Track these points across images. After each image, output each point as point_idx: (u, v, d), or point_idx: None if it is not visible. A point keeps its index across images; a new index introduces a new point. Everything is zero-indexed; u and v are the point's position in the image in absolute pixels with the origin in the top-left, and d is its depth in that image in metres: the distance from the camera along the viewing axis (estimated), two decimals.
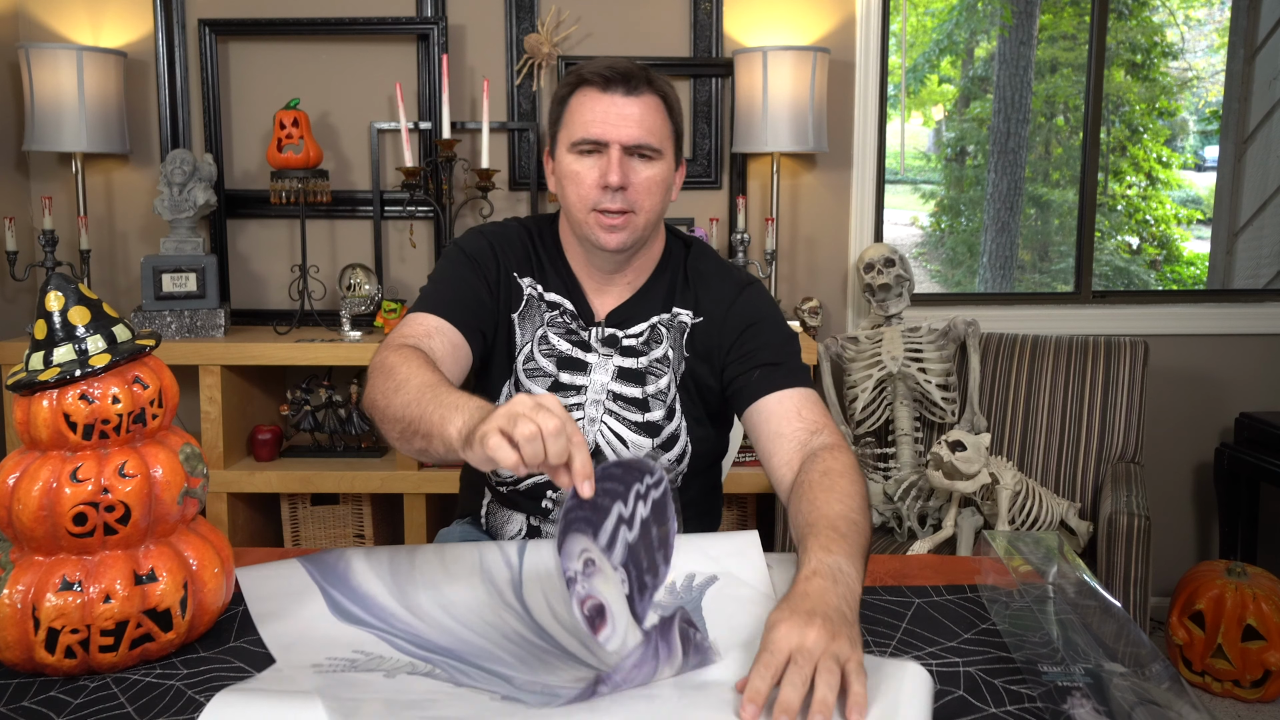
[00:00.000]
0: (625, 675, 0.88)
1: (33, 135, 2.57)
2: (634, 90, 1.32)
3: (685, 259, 1.47)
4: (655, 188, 1.35)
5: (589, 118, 1.32)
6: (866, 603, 1.13)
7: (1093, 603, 1.02)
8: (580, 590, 0.89)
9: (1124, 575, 2.06)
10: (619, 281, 1.43)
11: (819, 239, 2.91)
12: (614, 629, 0.91)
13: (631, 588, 0.92)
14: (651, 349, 1.41)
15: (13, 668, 0.97)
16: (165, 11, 2.75)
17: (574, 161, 1.34)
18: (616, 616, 0.91)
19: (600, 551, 0.90)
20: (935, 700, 0.91)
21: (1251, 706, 2.52)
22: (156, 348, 1.05)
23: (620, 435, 1.40)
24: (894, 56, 3.85)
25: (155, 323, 2.57)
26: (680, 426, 1.42)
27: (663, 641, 0.90)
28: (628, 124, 1.31)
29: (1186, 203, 5.88)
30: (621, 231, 1.34)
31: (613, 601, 0.91)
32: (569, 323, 1.42)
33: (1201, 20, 5.85)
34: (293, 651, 1.01)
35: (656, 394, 1.40)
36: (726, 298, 1.42)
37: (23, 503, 0.95)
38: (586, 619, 0.89)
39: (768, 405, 1.34)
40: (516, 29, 2.79)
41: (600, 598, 0.90)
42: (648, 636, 0.90)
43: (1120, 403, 2.49)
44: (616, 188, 1.31)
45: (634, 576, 0.92)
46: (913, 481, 2.43)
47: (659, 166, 1.35)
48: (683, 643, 0.92)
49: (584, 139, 1.32)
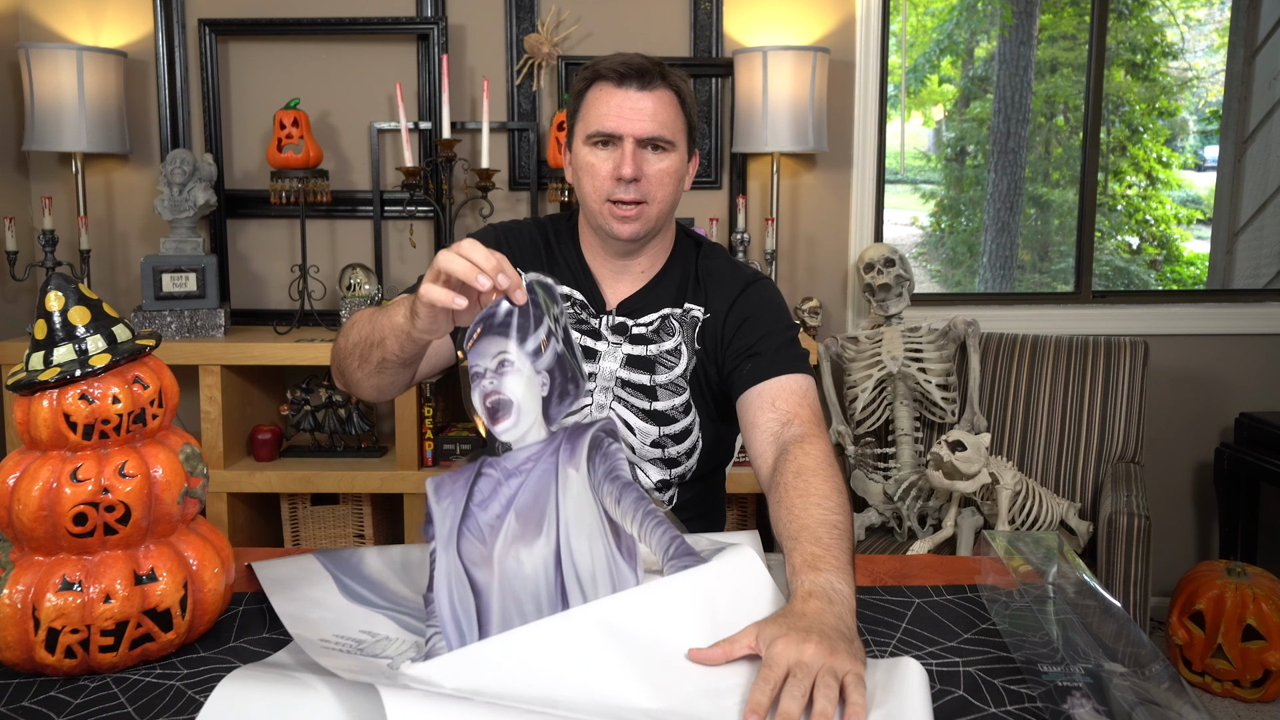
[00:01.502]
0: (518, 465, 0.98)
1: (33, 135, 2.57)
2: (648, 85, 1.36)
3: (697, 257, 1.50)
4: (668, 179, 1.39)
5: (604, 111, 1.36)
6: (866, 603, 1.13)
7: (1093, 603, 1.02)
8: (486, 385, 0.98)
9: (1124, 575, 2.06)
10: (633, 269, 1.47)
11: (819, 239, 2.91)
12: (515, 421, 0.99)
13: (552, 392, 1.01)
14: (662, 340, 1.44)
15: (13, 668, 0.97)
16: (165, 11, 2.75)
17: (589, 154, 1.38)
18: (522, 411, 0.99)
19: (526, 353, 1.00)
20: (935, 700, 0.91)
21: (1251, 706, 2.52)
22: (156, 348, 1.05)
23: (628, 422, 1.42)
24: (894, 56, 3.85)
25: (155, 323, 2.57)
26: (694, 422, 1.44)
27: (568, 443, 0.99)
28: (641, 117, 1.35)
29: (1186, 203, 5.88)
30: (635, 222, 1.38)
31: (522, 398, 0.99)
32: (579, 313, 1.46)
33: (1201, 20, 5.86)
34: (302, 624, 1.01)
35: (667, 384, 1.42)
36: (731, 294, 1.45)
37: (23, 503, 0.95)
38: (488, 410, 0.98)
39: (748, 397, 1.36)
40: (516, 29, 2.79)
41: (507, 393, 0.99)
42: (553, 435, 0.99)
43: (1120, 403, 2.49)
44: (630, 179, 1.35)
45: (557, 382, 1.01)
46: (913, 481, 2.43)
47: (672, 158, 1.39)
48: (591, 449, 0.99)
49: (599, 131, 1.36)
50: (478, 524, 0.97)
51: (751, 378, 1.36)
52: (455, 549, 0.95)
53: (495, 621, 0.94)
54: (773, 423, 1.31)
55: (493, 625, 0.94)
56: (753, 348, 1.39)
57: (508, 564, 0.96)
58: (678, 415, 1.42)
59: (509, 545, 0.96)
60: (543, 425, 1.01)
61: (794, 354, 1.39)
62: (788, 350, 1.39)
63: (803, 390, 1.35)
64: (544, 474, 0.99)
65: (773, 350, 1.38)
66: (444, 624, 0.93)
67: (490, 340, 0.99)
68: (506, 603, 0.95)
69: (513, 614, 0.95)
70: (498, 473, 0.98)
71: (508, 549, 0.96)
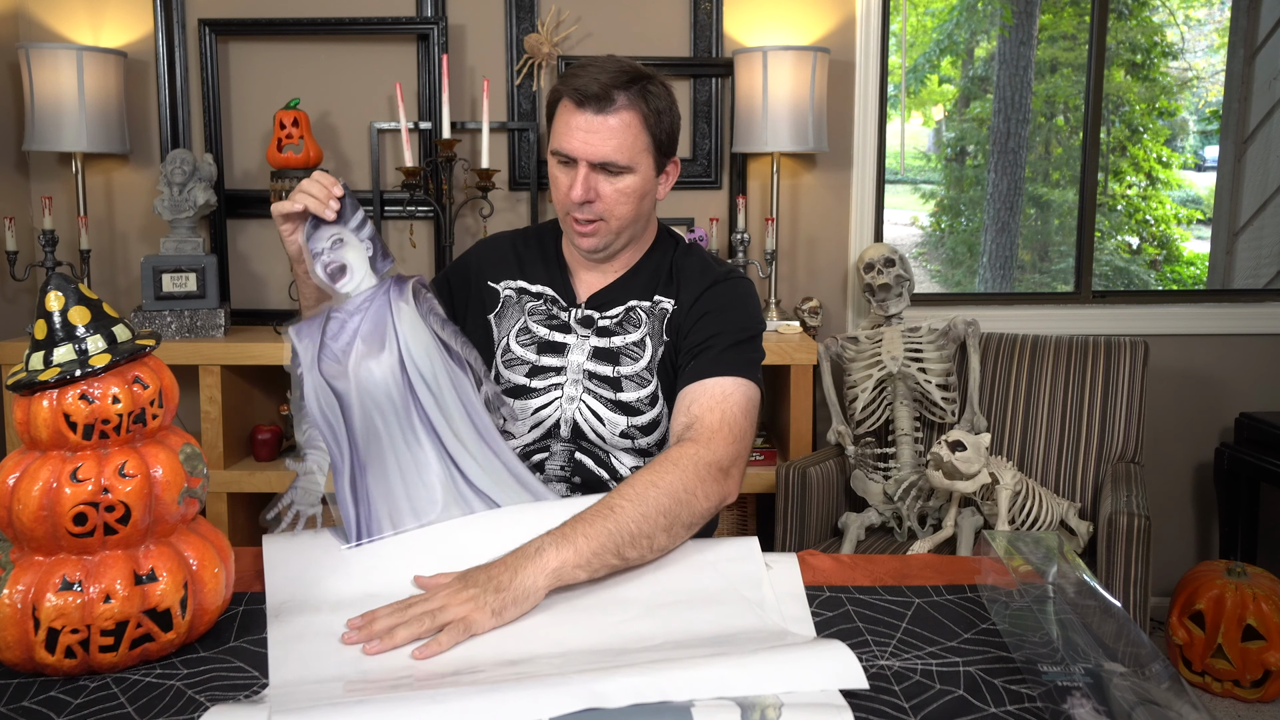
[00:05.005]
0: (358, 305, 1.25)
1: (33, 135, 2.57)
2: (605, 108, 1.38)
3: (674, 253, 1.54)
4: (625, 198, 1.42)
5: (562, 131, 1.41)
6: (866, 603, 1.13)
7: (1093, 603, 1.02)
8: (325, 258, 1.25)
9: (1124, 575, 2.06)
10: (606, 269, 1.52)
11: (819, 239, 2.91)
12: (351, 278, 1.26)
13: (375, 253, 1.28)
14: (627, 332, 1.47)
15: (13, 668, 0.97)
16: (165, 11, 2.75)
17: (555, 168, 1.45)
18: (354, 269, 1.26)
19: (351, 231, 1.27)
20: (936, 700, 0.91)
21: (1251, 706, 2.52)
22: (156, 348, 1.05)
23: (597, 413, 1.45)
24: (894, 56, 3.85)
25: (155, 323, 2.57)
26: (663, 412, 1.47)
27: (395, 286, 1.27)
28: (595, 142, 1.38)
29: (1186, 203, 5.88)
30: (592, 237, 1.44)
31: (354, 261, 1.26)
32: (549, 309, 1.51)
33: (1201, 20, 5.86)
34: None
35: (632, 376, 1.45)
36: (699, 288, 1.48)
37: (23, 503, 0.95)
38: (328, 275, 1.25)
39: (680, 395, 1.41)
40: (516, 29, 2.79)
41: (343, 260, 1.26)
42: (382, 282, 1.27)
43: (1120, 403, 2.49)
44: (582, 201, 1.41)
45: (378, 246, 1.28)
46: (913, 481, 2.43)
47: (628, 179, 1.42)
48: (415, 295, 1.27)
49: (557, 150, 1.42)
50: (332, 351, 1.23)
51: (689, 376, 1.40)
52: (318, 370, 1.21)
53: (356, 417, 1.22)
54: (679, 426, 1.36)
55: (355, 420, 1.21)
56: (703, 344, 1.42)
57: (361, 374, 1.22)
58: (644, 407, 1.45)
59: (360, 361, 1.23)
60: (372, 276, 1.27)
61: (739, 358, 1.41)
62: (733, 352, 1.41)
63: (724, 394, 1.37)
64: (380, 308, 1.26)
65: (718, 350, 1.41)
66: (316, 423, 1.20)
67: (323, 229, 1.26)
68: (365, 402, 1.22)
69: (370, 409, 1.22)
70: (343, 314, 1.25)
71: (359, 363, 1.22)
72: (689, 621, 1.07)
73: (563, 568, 1.11)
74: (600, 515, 1.17)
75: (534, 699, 0.85)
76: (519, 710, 0.84)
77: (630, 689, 0.86)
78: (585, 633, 1.05)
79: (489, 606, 1.05)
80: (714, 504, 1.28)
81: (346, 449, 1.20)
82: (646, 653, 0.98)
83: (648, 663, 0.92)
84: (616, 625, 1.07)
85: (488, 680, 0.91)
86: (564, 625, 1.07)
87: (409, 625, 1.03)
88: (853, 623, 1.08)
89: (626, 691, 0.86)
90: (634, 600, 1.13)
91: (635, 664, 0.92)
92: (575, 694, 0.86)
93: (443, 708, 0.84)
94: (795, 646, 0.97)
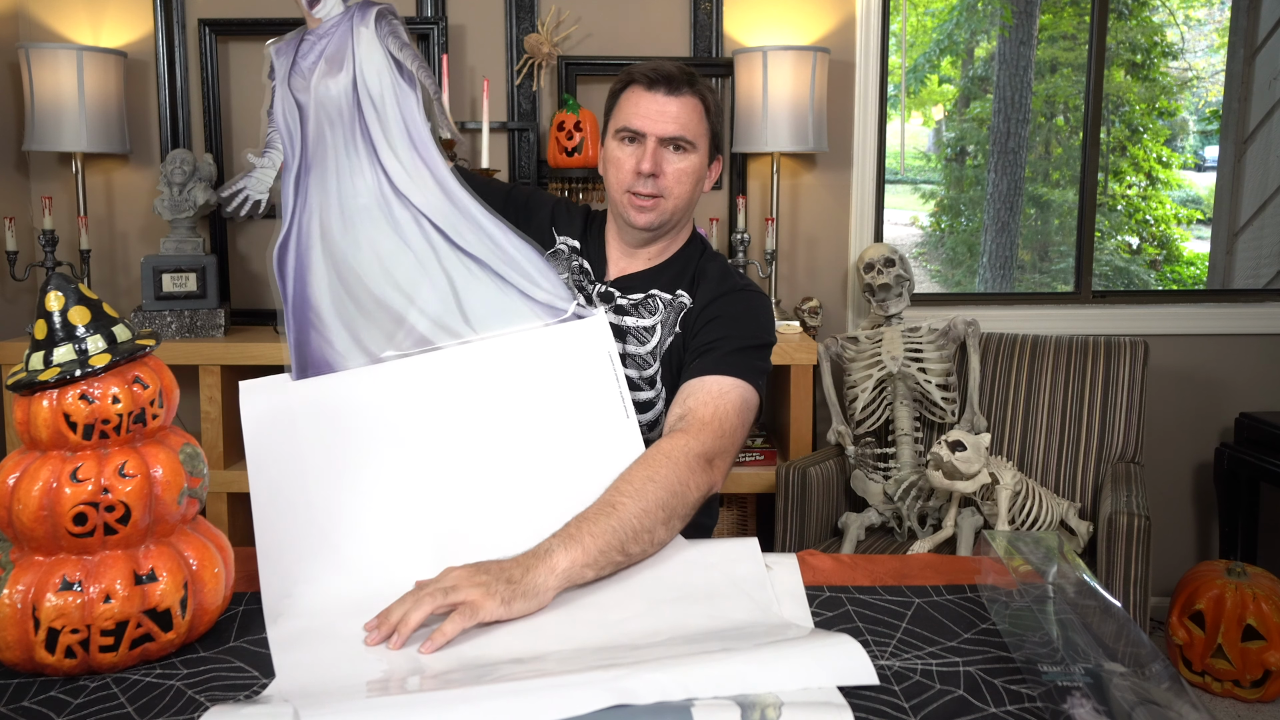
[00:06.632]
0: (327, 29, 1.41)
1: (33, 135, 2.57)
2: (675, 91, 1.48)
3: (700, 258, 1.59)
4: (685, 177, 1.50)
5: (632, 111, 1.48)
6: (867, 603, 1.13)
7: (1093, 603, 1.02)
8: None
9: (1124, 575, 2.06)
10: (640, 256, 1.57)
11: (819, 239, 2.91)
12: (324, 3, 1.42)
13: None
14: (641, 315, 1.51)
15: (13, 668, 0.97)
16: (165, 11, 2.75)
17: (617, 148, 1.51)
18: None
19: None
20: (935, 700, 0.91)
21: (1251, 706, 2.52)
22: (156, 348, 1.05)
23: None
24: (894, 56, 3.85)
25: (155, 323, 2.57)
26: (660, 395, 1.50)
27: (360, 12, 1.41)
28: (665, 119, 1.47)
29: (1186, 203, 5.88)
30: (650, 213, 1.50)
31: None
32: (581, 280, 1.57)
33: (1201, 20, 5.86)
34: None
35: (635, 356, 1.49)
36: (716, 292, 1.52)
37: (23, 503, 0.95)
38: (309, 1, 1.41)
39: (680, 389, 1.43)
40: (516, 29, 2.79)
41: None
42: (349, 8, 1.41)
43: (1120, 403, 2.49)
44: (649, 174, 1.47)
45: None
46: (913, 481, 2.43)
47: (691, 159, 1.50)
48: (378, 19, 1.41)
49: (626, 128, 1.49)
50: (301, 68, 1.40)
51: (692, 372, 1.43)
52: (287, 84, 1.39)
53: (311, 126, 1.38)
54: (674, 417, 1.39)
55: (310, 129, 1.38)
56: (710, 345, 1.45)
57: (319, 91, 1.39)
58: (642, 385, 1.49)
59: (320, 79, 1.39)
60: (341, 4, 1.43)
61: (743, 361, 1.44)
62: (738, 355, 1.44)
63: (720, 391, 1.40)
64: (343, 32, 1.41)
65: (723, 351, 1.44)
66: (279, 127, 1.38)
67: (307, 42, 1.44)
68: (319, 114, 1.39)
69: (323, 121, 1.39)
70: (314, 36, 1.42)
71: (320, 81, 1.39)
72: (693, 617, 1.08)
73: (572, 568, 1.13)
74: (603, 513, 1.19)
75: (564, 697, 0.86)
76: (550, 708, 0.85)
77: (656, 685, 0.87)
78: (593, 630, 1.06)
79: (499, 595, 1.07)
80: (702, 494, 1.31)
81: (299, 151, 1.39)
82: (657, 648, 0.98)
83: (669, 658, 0.93)
84: (623, 622, 1.08)
85: (508, 677, 0.92)
86: (572, 624, 1.08)
87: (421, 605, 1.05)
88: (853, 623, 1.08)
89: (652, 688, 0.87)
90: (638, 597, 1.14)
91: (657, 659, 0.93)
92: (603, 691, 0.86)
93: (474, 708, 0.85)
94: (807, 642, 0.97)
